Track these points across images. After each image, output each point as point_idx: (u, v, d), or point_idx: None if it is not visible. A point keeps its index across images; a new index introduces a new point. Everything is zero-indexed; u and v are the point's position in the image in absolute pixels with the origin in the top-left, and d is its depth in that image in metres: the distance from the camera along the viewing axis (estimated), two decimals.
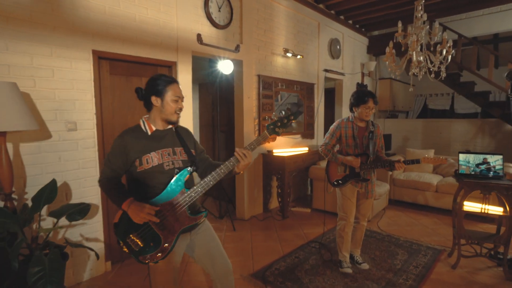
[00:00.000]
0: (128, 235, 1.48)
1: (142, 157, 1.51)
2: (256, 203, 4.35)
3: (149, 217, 1.43)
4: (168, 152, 1.57)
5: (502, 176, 2.70)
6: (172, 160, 1.56)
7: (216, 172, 1.53)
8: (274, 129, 1.56)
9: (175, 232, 1.50)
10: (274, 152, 4.32)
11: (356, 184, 2.62)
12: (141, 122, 1.59)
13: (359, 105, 2.55)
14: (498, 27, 6.29)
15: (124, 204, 1.46)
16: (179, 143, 1.64)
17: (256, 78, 4.16)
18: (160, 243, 1.49)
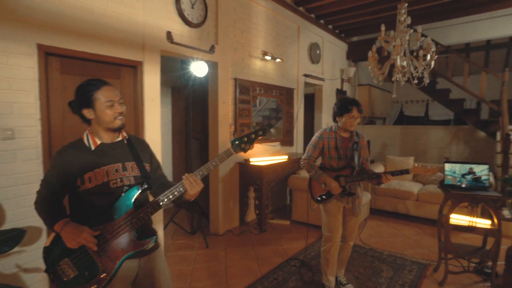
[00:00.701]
0: (59, 261, 1.27)
1: (84, 175, 1.31)
2: (232, 216, 4.06)
3: (87, 244, 1.23)
4: (116, 168, 1.36)
5: (488, 187, 2.59)
6: (120, 177, 1.37)
7: (170, 192, 1.34)
8: (240, 145, 1.41)
9: (117, 259, 1.28)
10: (251, 161, 4.06)
11: (342, 199, 2.40)
12: (85, 136, 1.38)
13: (342, 114, 2.34)
14: (470, 37, 6.43)
15: (57, 225, 1.27)
16: (132, 157, 1.42)
17: (232, 82, 3.90)
18: (97, 273, 1.26)
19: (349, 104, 2.32)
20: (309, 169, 2.42)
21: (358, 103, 2.35)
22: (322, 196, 2.41)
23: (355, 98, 7.25)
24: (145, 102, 2.89)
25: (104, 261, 1.27)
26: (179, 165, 5.02)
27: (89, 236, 1.23)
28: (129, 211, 1.31)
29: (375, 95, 7.61)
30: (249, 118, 4.17)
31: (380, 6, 4.93)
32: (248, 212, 4.30)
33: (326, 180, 2.34)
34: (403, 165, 4.85)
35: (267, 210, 3.99)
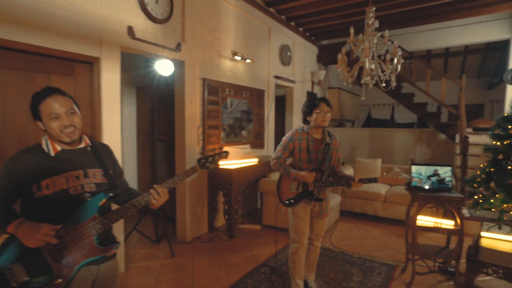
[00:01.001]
0: (9, 264, 1.18)
1: (41, 182, 1.25)
2: (201, 221, 3.88)
3: (49, 240, 1.17)
4: (76, 175, 1.32)
5: (451, 188, 2.65)
6: (81, 183, 1.32)
7: (137, 200, 1.34)
8: (205, 163, 1.50)
9: (75, 264, 1.24)
10: (220, 164, 3.91)
11: (309, 202, 2.33)
12: (43, 141, 1.32)
13: (312, 111, 2.29)
14: (431, 44, 6.75)
15: (12, 225, 1.19)
16: (96, 163, 1.40)
17: (200, 82, 3.74)
18: (51, 278, 1.20)
19: (315, 99, 2.31)
20: (278, 166, 2.35)
21: (325, 98, 2.33)
22: (290, 200, 2.34)
23: None
24: (103, 102, 2.66)
25: (60, 266, 1.22)
26: (144, 169, 4.76)
27: (50, 231, 1.16)
28: (93, 216, 1.28)
29: (344, 98, 7.76)
30: (218, 120, 4.03)
31: (349, 11, 5.00)
32: (218, 218, 4.15)
33: (296, 174, 2.26)
34: (371, 168, 4.95)
35: (237, 215, 3.87)
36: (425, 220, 2.62)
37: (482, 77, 8.70)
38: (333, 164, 2.40)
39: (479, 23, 6.18)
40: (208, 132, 3.87)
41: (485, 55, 7.98)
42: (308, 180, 2.23)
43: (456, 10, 5.22)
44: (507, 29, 5.94)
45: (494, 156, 2.47)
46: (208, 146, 3.89)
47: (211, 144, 3.94)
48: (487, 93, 8.72)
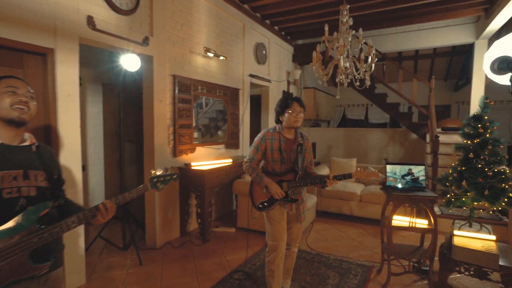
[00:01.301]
0: None
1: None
2: (172, 226, 3.68)
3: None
4: (14, 176, 1.15)
5: (425, 187, 2.65)
6: (19, 186, 1.15)
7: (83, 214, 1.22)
8: (156, 183, 1.49)
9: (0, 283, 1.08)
10: (192, 166, 3.73)
11: (285, 205, 2.23)
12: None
13: (284, 111, 2.19)
14: (403, 46, 6.92)
15: None
16: (40, 165, 1.24)
17: (170, 79, 3.54)
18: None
19: (288, 99, 2.20)
20: (250, 171, 2.23)
21: (298, 98, 2.24)
22: (264, 203, 2.22)
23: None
24: (58, 98, 2.41)
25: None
26: (111, 172, 4.47)
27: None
28: (31, 229, 1.11)
29: (320, 98, 7.80)
30: (190, 119, 3.84)
31: (323, 10, 4.98)
32: (190, 221, 3.96)
33: (268, 183, 2.16)
34: (347, 167, 4.95)
35: (210, 218, 3.70)
36: (400, 219, 2.60)
37: (449, 79, 9.07)
38: (306, 166, 2.32)
39: (446, 26, 6.41)
40: (179, 132, 3.68)
41: (452, 58, 8.32)
42: (276, 195, 2.14)
43: (425, 13, 5.35)
44: (471, 34, 6.20)
45: (465, 155, 2.49)
46: (180, 146, 3.70)
47: (183, 144, 3.75)
48: (454, 95, 9.11)
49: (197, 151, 4.00)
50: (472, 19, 6.16)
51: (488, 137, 2.43)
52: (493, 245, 2.31)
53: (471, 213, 2.56)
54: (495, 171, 2.37)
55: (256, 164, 2.28)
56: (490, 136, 2.44)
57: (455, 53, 8.05)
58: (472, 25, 6.18)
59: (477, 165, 2.39)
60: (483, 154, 2.40)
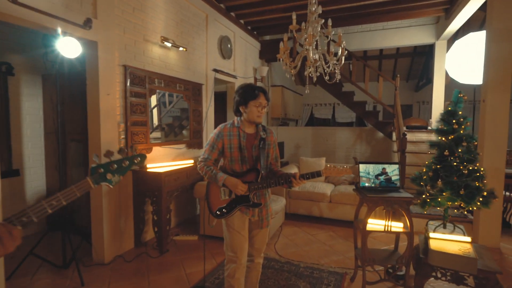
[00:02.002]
0: None
1: None
2: (124, 236, 3.24)
3: None
4: None
5: (399, 188, 2.49)
6: None
7: None
8: (105, 174, 1.04)
9: None
10: (148, 168, 3.32)
11: (247, 211, 1.94)
12: None
13: (247, 102, 1.89)
14: (368, 45, 6.95)
15: None
16: None
17: (121, 69, 3.10)
18: None
19: (255, 89, 1.89)
20: (205, 171, 1.92)
21: (265, 89, 1.94)
22: (222, 210, 1.92)
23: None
24: None
25: None
26: (54, 175, 3.90)
27: None
28: None
29: (287, 97, 7.63)
30: (145, 116, 3.42)
31: (291, 3, 4.78)
32: (146, 230, 3.54)
33: (225, 180, 1.85)
34: (315, 166, 4.78)
35: (169, 226, 3.31)
36: (375, 223, 2.42)
37: (410, 79, 9.37)
38: (271, 163, 2.06)
39: (409, 27, 6.52)
40: (132, 129, 3.24)
41: (413, 59, 8.57)
42: (238, 190, 1.85)
43: (391, 11, 5.35)
44: (432, 34, 6.36)
45: (440, 152, 2.36)
46: (133, 146, 3.26)
47: (137, 144, 3.32)
48: (415, 95, 9.42)
49: (154, 151, 3.59)
50: (432, 20, 6.32)
51: (463, 133, 2.31)
52: (469, 248, 2.19)
53: (445, 214, 2.43)
54: (469, 169, 2.25)
55: (212, 163, 1.96)
56: (464, 132, 2.33)
57: (416, 54, 8.29)
58: (432, 26, 6.33)
59: (452, 163, 2.27)
60: (457, 151, 2.29)
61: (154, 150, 3.59)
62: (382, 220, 2.38)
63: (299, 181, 1.84)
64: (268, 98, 1.93)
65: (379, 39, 6.78)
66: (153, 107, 3.81)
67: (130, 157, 1.10)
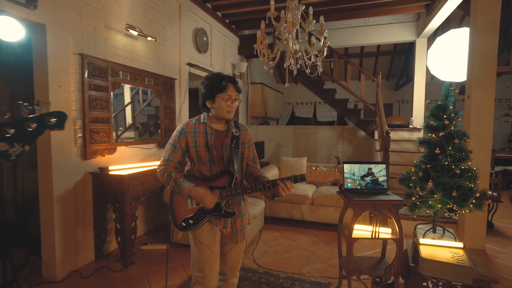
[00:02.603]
0: None
1: None
2: (82, 248, 2.86)
3: None
4: None
5: (386, 190, 2.28)
6: None
7: None
8: None
9: None
10: (110, 170, 2.96)
11: (217, 221, 1.65)
12: None
13: (214, 95, 1.59)
14: (350, 41, 6.82)
15: None
16: None
17: (76, 59, 2.73)
18: None
19: (222, 80, 1.59)
20: (166, 178, 1.61)
21: (234, 79, 1.64)
22: (189, 220, 1.62)
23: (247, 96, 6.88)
24: None
25: None
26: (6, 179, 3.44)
27: None
28: None
29: (268, 94, 7.38)
30: (108, 112, 3.05)
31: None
32: (110, 240, 3.17)
33: (191, 190, 1.55)
34: (297, 167, 4.55)
35: (134, 235, 2.96)
36: (361, 229, 2.20)
37: (390, 78, 9.38)
38: (249, 165, 1.78)
39: (390, 24, 6.44)
40: (91, 127, 2.87)
41: (393, 57, 8.56)
42: (206, 203, 1.56)
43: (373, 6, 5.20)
44: (412, 32, 6.30)
45: (430, 151, 2.17)
46: (93, 146, 2.90)
47: (98, 143, 2.95)
48: (395, 94, 9.44)
49: (118, 151, 3.22)
50: (413, 17, 6.26)
51: (454, 130, 2.13)
52: (463, 254, 2.00)
53: (435, 217, 2.25)
54: (462, 168, 2.07)
55: (174, 167, 1.66)
56: (455, 128, 2.15)
57: (396, 52, 8.28)
58: (413, 23, 6.28)
59: (444, 162, 2.08)
60: (448, 149, 2.10)
61: (118, 150, 3.22)
62: (369, 226, 2.16)
63: (287, 187, 1.56)
64: (239, 89, 1.64)
65: (360, 36, 6.67)
66: (126, 105, 3.55)
67: (38, 117, 0.74)
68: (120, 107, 3.48)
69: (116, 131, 3.50)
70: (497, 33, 3.17)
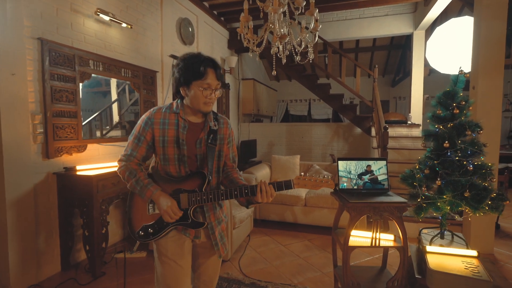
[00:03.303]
0: None
1: None
2: (45, 259, 2.54)
3: None
4: None
5: (387, 190, 1.99)
6: None
7: None
8: None
9: None
10: (77, 170, 2.64)
11: (186, 230, 1.36)
12: None
13: (190, 82, 1.29)
14: (345, 34, 6.53)
15: None
16: None
17: (34, 43, 2.40)
18: None
19: (201, 63, 1.27)
20: (127, 176, 1.33)
21: (216, 63, 1.33)
22: (148, 229, 1.33)
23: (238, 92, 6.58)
24: None
25: None
26: None
27: None
28: None
29: (260, 91, 7.08)
30: (75, 105, 2.72)
31: None
32: (79, 248, 2.84)
33: (154, 195, 1.28)
34: (289, 165, 4.26)
35: (105, 243, 2.63)
36: (359, 235, 1.90)
37: (386, 74, 9.13)
38: (227, 165, 1.49)
39: (386, 16, 6.17)
40: (55, 122, 2.54)
41: (390, 52, 8.30)
42: (166, 217, 1.28)
43: None
44: (409, 24, 6.04)
45: (438, 144, 1.88)
46: (57, 143, 2.57)
47: (63, 140, 2.62)
48: (391, 90, 9.19)
49: (90, 149, 2.90)
50: (410, 8, 6.00)
51: (465, 120, 1.84)
52: (477, 264, 1.72)
53: (443, 221, 1.96)
54: (475, 164, 1.79)
55: (138, 164, 1.35)
56: (465, 118, 1.87)
57: (392, 47, 8.02)
58: (410, 15, 6.02)
59: (454, 157, 1.79)
60: (458, 143, 1.81)
61: (90, 148, 2.90)
62: (368, 232, 1.86)
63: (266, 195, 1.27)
64: (220, 77, 1.33)
65: (355, 29, 6.38)
66: (112, 102, 3.34)
67: None
68: (106, 104, 3.29)
69: (101, 129, 3.25)
70: (505, 17, 2.89)
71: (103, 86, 3.32)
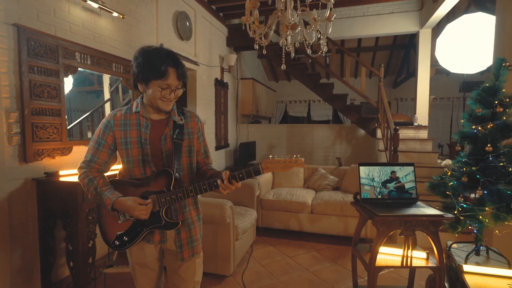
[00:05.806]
0: None
1: None
2: (23, 277, 2.23)
3: None
4: None
5: (416, 200, 1.73)
6: None
7: None
8: None
9: None
10: (60, 175, 2.34)
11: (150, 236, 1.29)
12: None
13: (148, 80, 1.19)
14: (347, 33, 6.31)
15: None
16: None
17: (9, 30, 2.10)
18: None
19: (162, 62, 1.16)
20: (87, 185, 1.25)
21: (177, 60, 1.19)
22: (123, 237, 1.23)
23: (237, 92, 6.30)
24: None
25: None
26: None
27: None
28: None
29: (259, 91, 6.82)
30: (59, 102, 2.43)
31: None
32: (62, 263, 2.53)
33: (115, 203, 1.19)
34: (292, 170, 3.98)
35: (92, 258, 2.33)
36: (387, 252, 1.64)
37: (388, 75, 8.93)
38: (199, 161, 1.38)
39: (390, 13, 5.95)
40: (35, 120, 2.25)
41: (392, 52, 8.11)
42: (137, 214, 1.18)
43: None
44: (415, 22, 5.83)
45: (476, 148, 1.63)
46: (36, 144, 2.27)
47: (44, 141, 2.33)
48: (393, 91, 8.99)
49: (76, 152, 2.60)
50: (416, 6, 5.79)
51: (508, 120, 1.59)
52: None
53: (479, 235, 1.70)
54: None
55: (99, 170, 1.26)
56: (508, 118, 1.62)
57: (395, 47, 7.82)
58: (416, 13, 5.81)
59: (498, 163, 1.54)
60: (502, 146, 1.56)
61: (75, 151, 2.60)
62: (398, 249, 1.60)
63: (227, 186, 1.17)
64: (182, 75, 1.21)
65: (359, 27, 6.16)
66: (105, 102, 3.10)
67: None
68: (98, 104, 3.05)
69: (92, 131, 3.00)
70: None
71: (95, 85, 3.09)
